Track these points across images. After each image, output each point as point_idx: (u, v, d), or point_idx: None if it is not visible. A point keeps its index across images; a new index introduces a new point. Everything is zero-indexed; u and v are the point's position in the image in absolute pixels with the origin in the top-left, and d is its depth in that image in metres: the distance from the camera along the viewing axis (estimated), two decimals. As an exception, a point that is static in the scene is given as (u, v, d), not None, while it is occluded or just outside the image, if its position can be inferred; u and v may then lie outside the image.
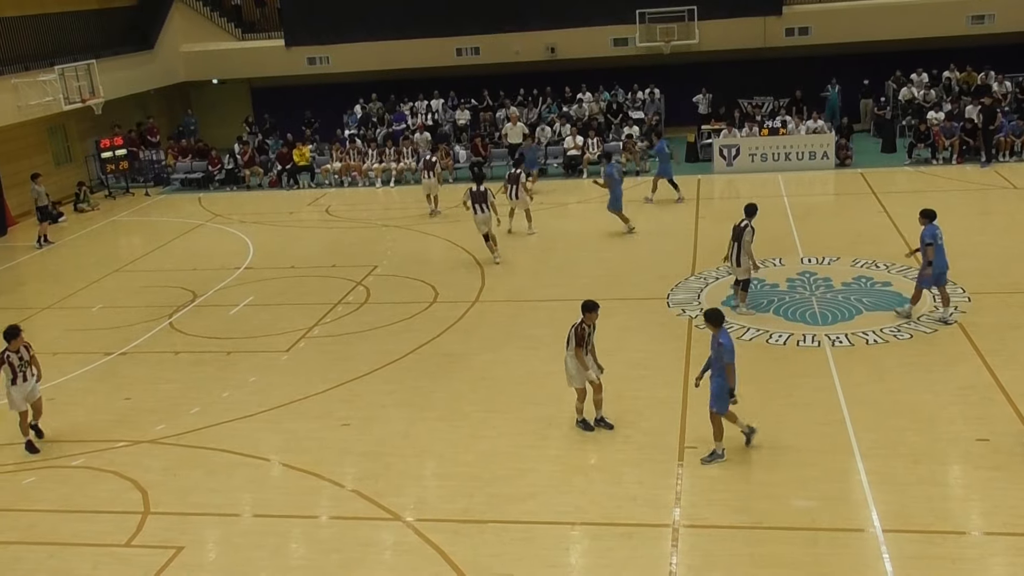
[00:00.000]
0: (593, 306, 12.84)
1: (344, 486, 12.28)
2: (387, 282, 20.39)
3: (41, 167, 28.91)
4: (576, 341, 12.72)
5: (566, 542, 10.79)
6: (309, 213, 27.51)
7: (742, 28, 32.34)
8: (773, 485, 11.44)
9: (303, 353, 16.89)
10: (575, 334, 12.74)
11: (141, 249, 25.01)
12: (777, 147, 28.25)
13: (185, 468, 13.09)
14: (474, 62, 34.25)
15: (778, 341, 15.67)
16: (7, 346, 13.88)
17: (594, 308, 12.83)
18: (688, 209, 24.35)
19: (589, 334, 12.81)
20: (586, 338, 12.76)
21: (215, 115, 37.71)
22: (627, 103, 33.17)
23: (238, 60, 36.11)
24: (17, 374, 13.84)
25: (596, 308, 12.85)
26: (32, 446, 14.00)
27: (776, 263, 19.57)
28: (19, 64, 28.59)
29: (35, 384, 14.14)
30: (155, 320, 19.11)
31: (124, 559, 11.04)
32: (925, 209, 16.24)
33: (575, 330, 12.77)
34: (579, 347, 12.70)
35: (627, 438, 12.89)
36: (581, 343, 12.71)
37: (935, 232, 15.91)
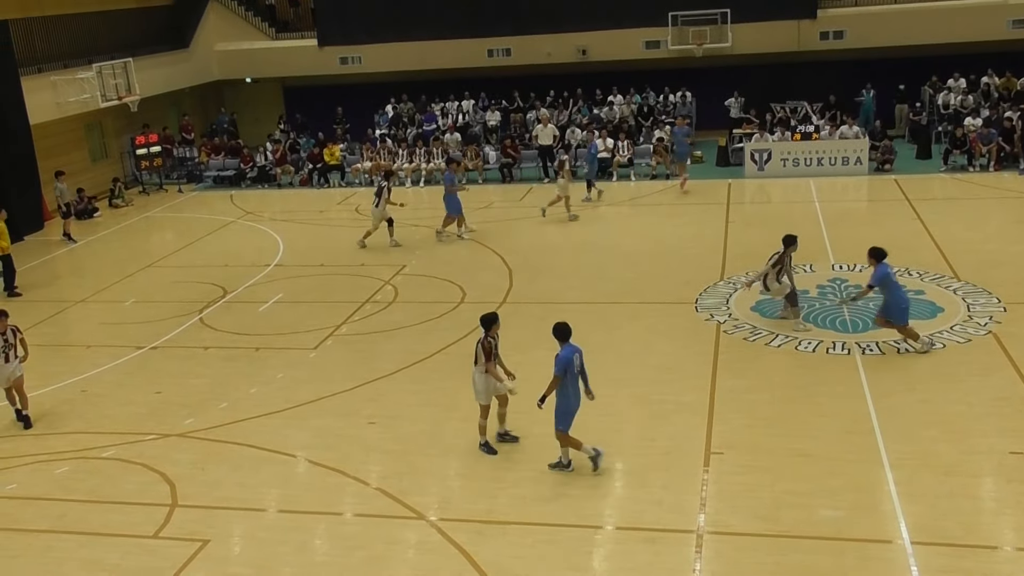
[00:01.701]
0: (494, 319, 12.66)
1: (369, 484, 12.32)
2: (415, 282, 20.45)
3: (78, 163, 29.27)
4: (485, 356, 12.46)
5: (589, 545, 10.76)
6: (339, 212, 27.65)
7: (776, 31, 32.17)
8: (800, 494, 11.35)
9: (330, 351, 16.97)
10: (482, 349, 12.46)
11: (173, 245, 25.25)
12: (809, 152, 28.05)
13: (212, 462, 13.19)
14: (505, 63, 34.30)
15: (807, 348, 15.56)
16: None
17: (496, 320, 12.65)
18: (718, 214, 24.23)
19: (495, 347, 12.60)
20: (494, 351, 12.56)
21: (248, 113, 38.00)
22: (658, 106, 33.07)
23: (271, 59, 36.39)
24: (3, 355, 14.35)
25: (497, 320, 12.69)
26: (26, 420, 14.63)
27: (807, 269, 19.43)
28: (58, 62, 29.00)
29: (17, 365, 14.59)
30: (186, 315, 19.28)
31: (152, 550, 11.15)
32: (874, 248, 15.47)
33: (481, 345, 12.50)
34: (488, 362, 12.47)
35: (652, 442, 12.85)
36: (490, 357, 12.48)
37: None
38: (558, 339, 12.02)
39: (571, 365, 11.84)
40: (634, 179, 28.94)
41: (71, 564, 11.01)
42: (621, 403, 14.05)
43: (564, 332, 12.03)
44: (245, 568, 10.73)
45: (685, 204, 24.79)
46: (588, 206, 25.91)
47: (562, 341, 11.99)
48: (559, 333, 12.03)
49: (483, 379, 12.62)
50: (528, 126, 31.99)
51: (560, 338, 12.00)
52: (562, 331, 12.03)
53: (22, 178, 26.61)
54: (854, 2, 33.00)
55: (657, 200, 26.11)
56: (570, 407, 12.00)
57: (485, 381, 12.62)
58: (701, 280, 19.04)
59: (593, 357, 15.73)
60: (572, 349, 11.94)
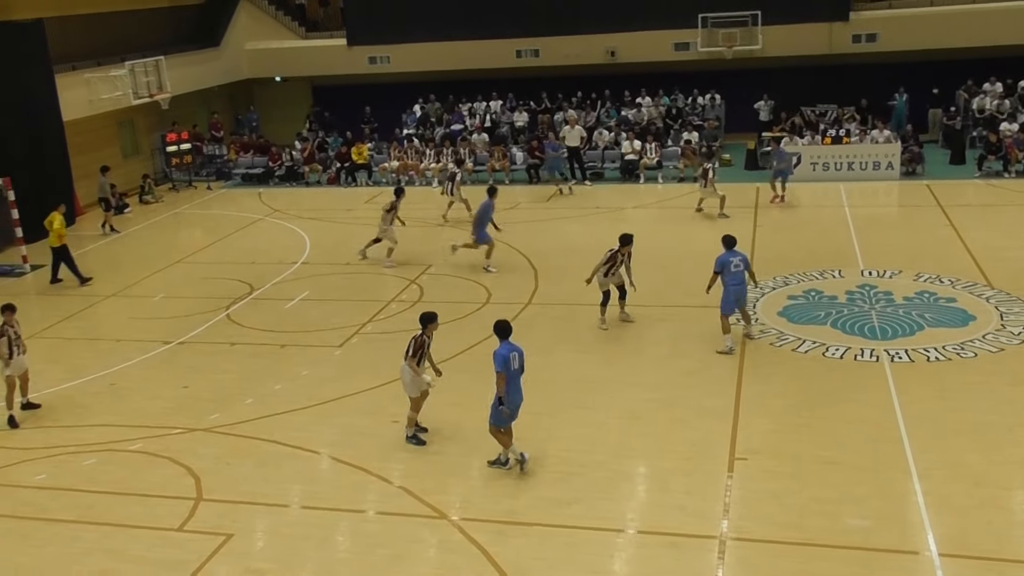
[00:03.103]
0: (432, 318, 13.04)
1: (391, 482, 12.35)
2: (440, 281, 20.47)
3: (110, 159, 29.52)
4: (413, 351, 12.86)
5: (610, 549, 10.73)
6: (366, 211, 27.71)
7: (807, 34, 31.92)
8: (825, 502, 11.25)
9: (355, 349, 17.02)
10: (414, 344, 12.89)
11: (202, 241, 25.41)
12: (840, 156, 27.84)
13: (237, 457, 13.27)
14: (533, 64, 34.27)
15: (835, 354, 15.44)
16: (4, 320, 14.61)
17: (433, 319, 13.04)
18: (746, 218, 24.09)
19: (426, 346, 13.00)
20: (425, 348, 12.96)
21: (277, 112, 38.19)
22: (687, 108, 32.94)
23: (301, 58, 36.55)
24: (13, 347, 14.59)
25: (435, 319, 13.06)
26: (14, 421, 14.75)
27: (836, 275, 19.29)
28: (92, 60, 29.29)
29: (24, 358, 14.92)
30: (213, 311, 19.39)
31: (176, 543, 11.24)
32: (724, 236, 16.17)
33: (415, 340, 12.92)
34: (413, 357, 12.86)
35: (676, 447, 12.79)
36: (416, 353, 12.87)
37: (726, 260, 15.76)
38: (498, 336, 12.21)
39: (509, 362, 11.97)
40: (661, 182, 28.84)
41: (97, 555, 11.10)
42: (645, 407, 14.00)
43: (504, 330, 12.22)
44: (268, 563, 10.78)
45: (713, 208, 24.63)
46: (613, 209, 25.84)
47: (502, 338, 12.18)
48: (499, 331, 12.24)
49: (409, 372, 12.96)
50: (556, 127, 31.94)
51: (500, 335, 12.20)
52: (502, 329, 12.22)
53: (56, 173, 26.84)
54: (888, 4, 32.71)
55: (684, 203, 25.97)
56: (511, 404, 12.14)
57: (412, 376, 12.95)
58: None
59: (617, 360, 15.81)
60: (510, 347, 12.12)
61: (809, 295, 18.27)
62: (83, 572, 10.80)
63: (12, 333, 14.67)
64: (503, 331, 12.22)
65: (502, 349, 12.06)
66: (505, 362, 11.93)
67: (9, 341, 14.59)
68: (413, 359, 12.89)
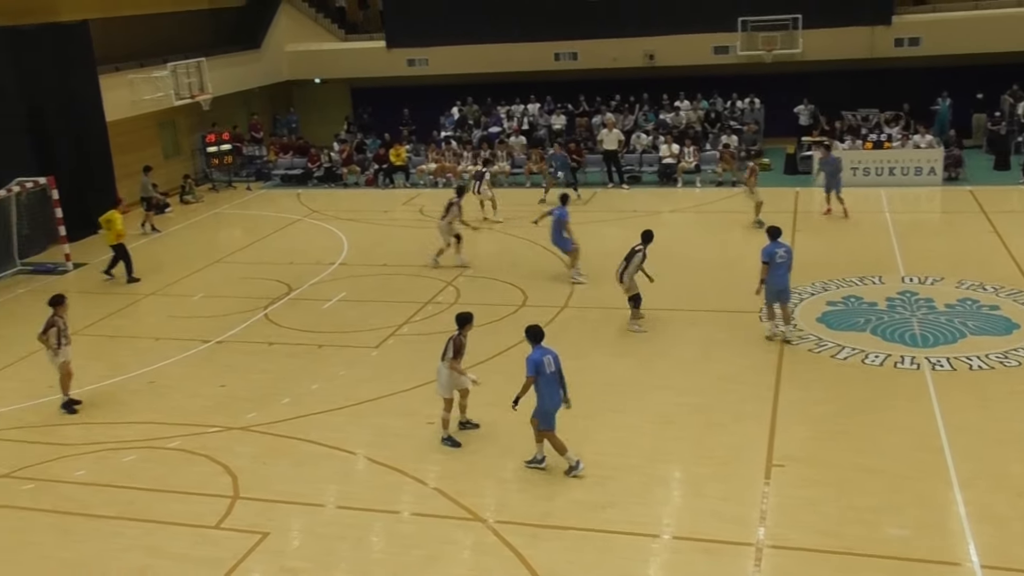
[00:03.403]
0: (468, 318, 13.17)
1: (426, 483, 12.37)
2: (477, 283, 20.50)
3: (151, 159, 29.89)
4: (454, 352, 12.92)
5: (645, 554, 10.68)
6: (403, 212, 27.84)
7: (848, 38, 31.62)
8: (864, 510, 11.12)
9: (392, 350, 17.08)
10: (453, 345, 12.95)
11: (241, 241, 25.64)
12: (881, 161, 27.55)
13: (274, 456, 13.36)
14: (572, 67, 34.24)
15: (874, 362, 15.27)
16: (55, 311, 14.96)
17: (470, 320, 13.18)
18: (785, 223, 23.81)
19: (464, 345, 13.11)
20: (462, 349, 13.05)
21: (315, 113, 38.45)
22: (725, 112, 32.75)
23: (340, 60, 36.77)
24: (62, 339, 14.90)
25: (471, 320, 13.20)
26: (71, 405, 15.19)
27: (876, 281, 19.09)
28: (134, 61, 29.66)
29: (68, 349, 15.23)
30: (251, 311, 19.55)
31: (213, 541, 11.33)
32: (770, 227, 16.68)
33: (453, 341, 12.98)
34: (454, 358, 12.92)
35: (712, 452, 12.71)
36: (458, 354, 12.94)
37: (772, 251, 16.07)
38: (530, 341, 12.25)
39: (543, 366, 12.00)
40: (699, 186, 28.70)
41: (136, 551, 11.23)
42: (680, 412, 13.93)
43: (536, 335, 12.28)
44: (303, 562, 10.84)
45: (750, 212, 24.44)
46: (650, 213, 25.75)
47: (534, 343, 12.22)
48: (531, 336, 12.29)
49: (447, 373, 13.02)
50: (593, 130, 31.88)
51: (532, 340, 12.25)
52: (534, 334, 12.29)
53: (98, 173, 27.21)
54: (931, 8, 32.32)
55: (722, 207, 25.84)
56: (546, 408, 12.18)
57: (449, 376, 13.02)
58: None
59: (652, 364, 15.74)
60: (543, 351, 12.14)
61: (849, 301, 18.09)
62: (123, 568, 10.92)
63: (61, 324, 14.98)
64: (535, 336, 12.27)
65: (534, 354, 12.11)
66: (537, 366, 11.96)
67: (58, 332, 14.90)
68: (455, 360, 12.95)
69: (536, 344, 12.21)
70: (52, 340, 14.91)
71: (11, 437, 14.44)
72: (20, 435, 14.48)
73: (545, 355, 12.11)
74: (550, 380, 12.12)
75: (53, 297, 15.33)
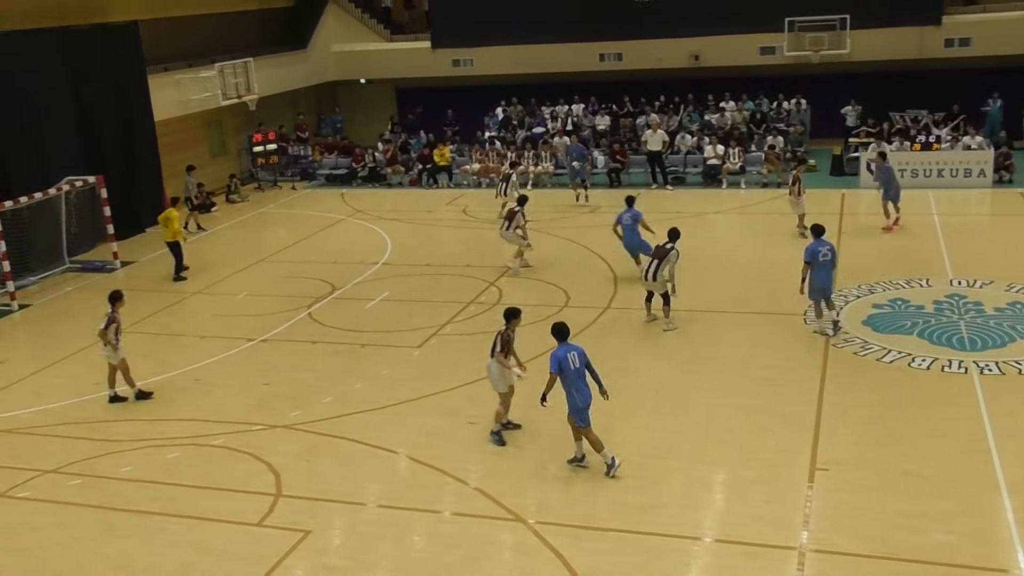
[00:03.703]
0: (516, 313, 13.33)
1: (467, 483, 12.39)
2: (519, 284, 20.49)
3: (198, 159, 30.27)
4: (501, 347, 13.10)
5: (687, 557, 10.61)
6: (446, 213, 27.92)
7: (897, 38, 31.19)
8: (910, 515, 10.97)
9: (434, 350, 17.13)
10: (500, 340, 13.12)
11: (285, 241, 25.86)
12: (929, 163, 27.16)
13: (316, 455, 13.45)
14: (616, 68, 34.13)
15: (921, 365, 15.05)
16: (113, 307, 15.33)
17: (517, 315, 13.34)
18: (830, 225, 23.58)
19: (512, 341, 13.23)
20: (511, 343, 13.18)
21: (360, 113, 38.68)
22: (771, 113, 32.47)
23: (385, 61, 36.96)
24: (117, 335, 15.25)
25: (519, 315, 13.37)
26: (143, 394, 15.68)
27: (923, 284, 18.81)
28: (183, 61, 30.03)
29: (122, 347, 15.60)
30: (295, 310, 19.71)
31: (256, 538, 11.43)
32: (814, 225, 16.99)
33: (500, 336, 13.16)
34: (501, 352, 13.09)
35: (755, 455, 12.59)
36: (504, 349, 13.10)
37: (816, 250, 16.24)
38: (555, 338, 12.33)
39: (566, 363, 12.07)
40: (744, 187, 28.48)
41: (180, 547, 11.35)
42: (724, 414, 13.83)
43: (562, 331, 12.36)
44: (344, 560, 10.90)
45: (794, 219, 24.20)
46: (694, 214, 25.60)
47: (559, 340, 12.25)
48: (556, 333, 12.36)
49: (498, 368, 13.17)
50: (638, 131, 31.76)
51: (557, 337, 12.31)
52: (560, 330, 12.37)
53: (146, 172, 27.60)
54: (981, 8, 31.79)
55: (767, 209, 25.62)
56: (575, 404, 12.21)
57: (499, 371, 13.16)
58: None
59: (697, 366, 15.65)
60: (567, 348, 12.21)
61: (895, 304, 17.85)
62: (166, 564, 11.04)
63: (119, 319, 15.38)
64: (560, 333, 12.37)
65: (558, 351, 12.22)
66: (560, 363, 12.09)
67: (117, 327, 15.25)
68: (501, 354, 13.09)
69: (561, 341, 12.31)
70: (111, 336, 15.23)
71: (59, 433, 14.68)
72: (68, 431, 14.72)
73: (569, 352, 12.19)
74: (576, 377, 12.17)
75: (112, 293, 15.70)
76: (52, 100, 24.70)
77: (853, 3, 31.01)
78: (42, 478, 13.23)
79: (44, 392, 16.33)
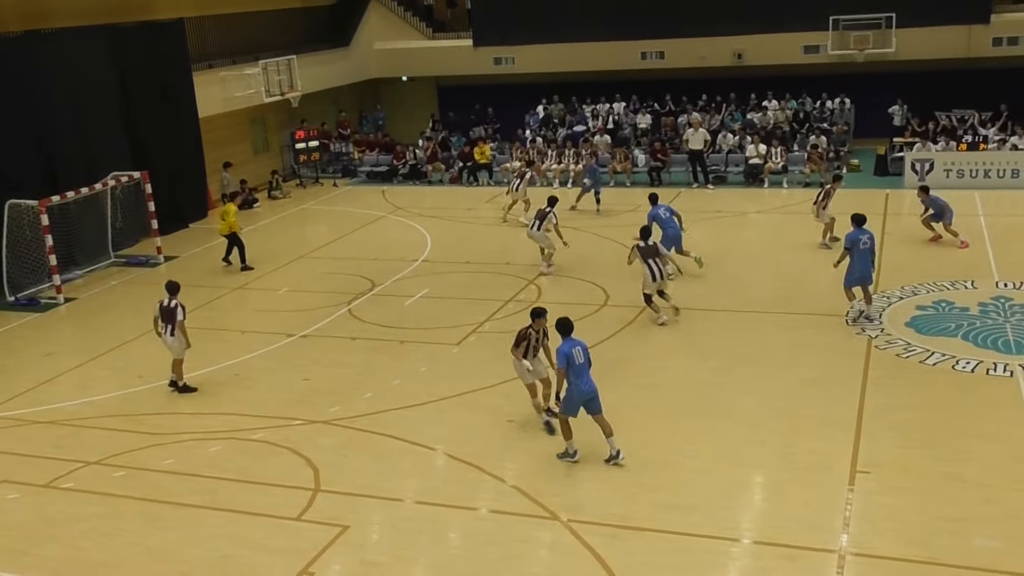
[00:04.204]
0: (541, 313, 13.66)
1: (505, 481, 12.41)
2: (559, 282, 20.47)
3: (241, 155, 30.56)
4: (516, 342, 13.50)
5: (725, 558, 10.54)
6: (486, 210, 27.95)
7: (944, 37, 30.73)
8: (952, 520, 10.83)
9: (473, 347, 17.16)
10: (517, 336, 13.58)
11: (326, 237, 26.03)
12: (975, 163, 26.76)
13: (355, 450, 13.54)
14: (658, 66, 33.96)
15: (965, 368, 14.84)
16: (175, 298, 15.66)
17: (542, 315, 13.63)
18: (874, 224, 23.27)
19: (537, 339, 13.60)
20: (530, 342, 13.52)
21: (401, 111, 38.84)
22: (815, 112, 32.14)
23: (427, 58, 37.08)
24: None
25: (543, 315, 13.64)
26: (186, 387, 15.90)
27: (968, 286, 18.54)
28: (227, 58, 30.32)
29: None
30: (335, 306, 19.84)
31: (294, 532, 11.52)
32: (855, 214, 17.27)
33: (519, 333, 13.61)
34: (516, 347, 13.45)
35: (795, 457, 12.49)
36: (520, 344, 13.45)
37: (856, 237, 16.70)
38: (560, 333, 12.51)
39: (572, 358, 12.28)
40: (786, 186, 28.23)
41: (220, 539, 11.47)
42: (765, 415, 13.72)
43: (566, 327, 12.56)
44: (382, 555, 10.96)
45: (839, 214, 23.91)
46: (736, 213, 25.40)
47: (564, 335, 12.47)
48: (561, 328, 12.56)
49: (518, 364, 13.57)
50: (679, 130, 31.59)
51: (562, 332, 12.51)
52: (564, 326, 12.57)
53: (190, 168, 27.92)
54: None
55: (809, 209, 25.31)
56: (572, 396, 12.42)
57: (516, 364, 13.57)
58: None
59: (738, 366, 15.55)
60: (572, 343, 12.39)
61: (939, 306, 17.61)
62: (205, 556, 11.16)
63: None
64: (564, 328, 12.54)
65: (564, 346, 12.39)
66: (567, 358, 12.26)
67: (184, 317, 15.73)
68: (516, 348, 13.48)
69: (566, 336, 12.47)
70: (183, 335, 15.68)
71: (104, 425, 14.89)
72: (112, 423, 14.93)
73: (575, 347, 12.38)
74: (580, 370, 12.36)
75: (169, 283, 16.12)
76: (99, 96, 25.04)
77: (899, 1, 30.60)
78: (86, 469, 13.44)
79: (89, 384, 16.59)
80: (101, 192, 23.87)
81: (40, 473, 13.36)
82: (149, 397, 15.83)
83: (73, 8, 25.24)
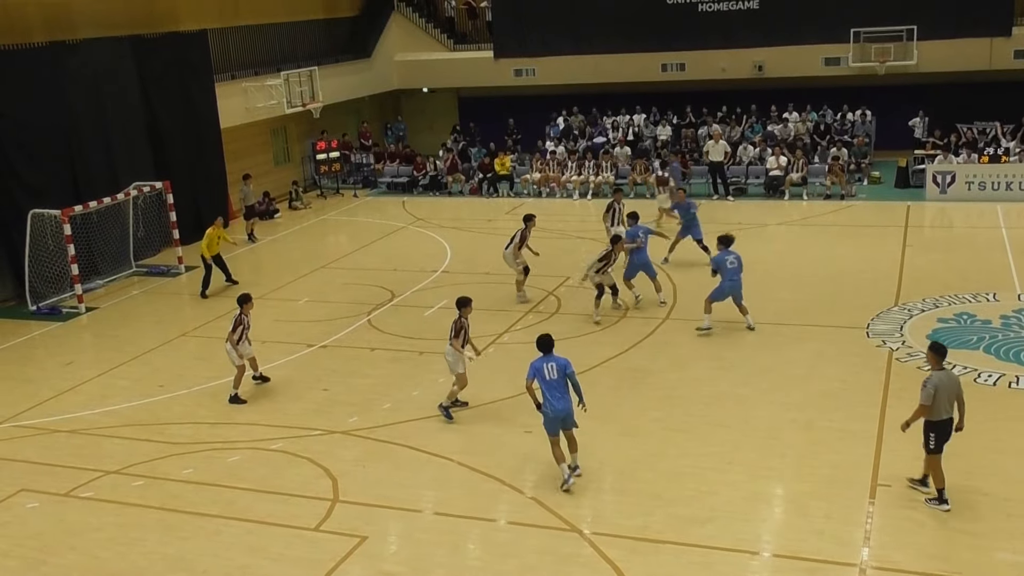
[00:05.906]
0: (465, 302, 14.63)
1: (523, 492, 12.38)
2: (578, 294, 20.43)
3: (262, 166, 30.72)
4: (454, 333, 14.37)
5: (745, 571, 10.48)
6: (506, 222, 27.91)
7: (966, 49, 30.57)
8: (975, 534, 10.73)
9: (492, 358, 17.14)
10: (454, 327, 14.40)
11: (347, 247, 26.12)
12: (997, 175, 26.59)
13: (374, 461, 13.55)
14: (679, 78, 33.93)
15: (987, 381, 14.72)
16: (241, 309, 15.95)
17: (467, 304, 14.62)
18: (895, 237, 23.24)
19: (465, 328, 14.49)
20: (463, 331, 14.42)
21: (422, 122, 38.97)
22: (835, 124, 32.02)
23: (448, 70, 37.20)
24: (243, 335, 15.82)
25: (469, 303, 14.66)
26: (239, 399, 15.91)
27: (990, 298, 18.40)
28: (249, 69, 30.54)
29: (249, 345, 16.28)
30: (355, 316, 19.88)
31: (312, 542, 11.53)
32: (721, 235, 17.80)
33: (454, 324, 14.43)
34: (455, 338, 14.34)
35: (816, 470, 12.41)
36: (458, 335, 14.34)
37: (723, 259, 17.35)
38: (539, 350, 12.47)
39: (542, 372, 12.25)
40: (807, 198, 28.14)
41: (238, 549, 11.50)
42: (784, 427, 13.66)
43: (546, 344, 12.50)
44: (400, 567, 10.96)
45: (860, 226, 23.89)
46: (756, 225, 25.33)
47: (543, 351, 12.44)
48: (541, 345, 12.52)
49: (452, 353, 14.45)
50: (699, 141, 31.55)
51: (541, 349, 12.46)
52: (543, 343, 12.51)
53: (211, 179, 28.10)
54: (1055, 19, 31.06)
55: (830, 220, 25.27)
56: (548, 414, 12.26)
57: (454, 354, 14.44)
58: (874, 305, 18.30)
59: (758, 378, 15.47)
60: (544, 359, 12.34)
61: (960, 319, 17.49)
62: (223, 566, 11.19)
63: (246, 321, 15.96)
64: (544, 345, 12.48)
65: (536, 361, 12.40)
66: (537, 373, 12.29)
67: (243, 329, 15.90)
68: (456, 340, 14.31)
69: (545, 353, 12.41)
70: (236, 336, 15.82)
71: (124, 435, 14.97)
72: (132, 433, 15.01)
73: (547, 362, 12.32)
74: (550, 386, 12.21)
75: (241, 295, 16.39)
76: (122, 106, 25.26)
77: (920, 14, 30.50)
78: (105, 478, 13.51)
79: (109, 394, 16.68)
80: (123, 202, 24.05)
81: (60, 482, 13.44)
82: (169, 407, 15.91)
83: (98, 19, 25.49)
